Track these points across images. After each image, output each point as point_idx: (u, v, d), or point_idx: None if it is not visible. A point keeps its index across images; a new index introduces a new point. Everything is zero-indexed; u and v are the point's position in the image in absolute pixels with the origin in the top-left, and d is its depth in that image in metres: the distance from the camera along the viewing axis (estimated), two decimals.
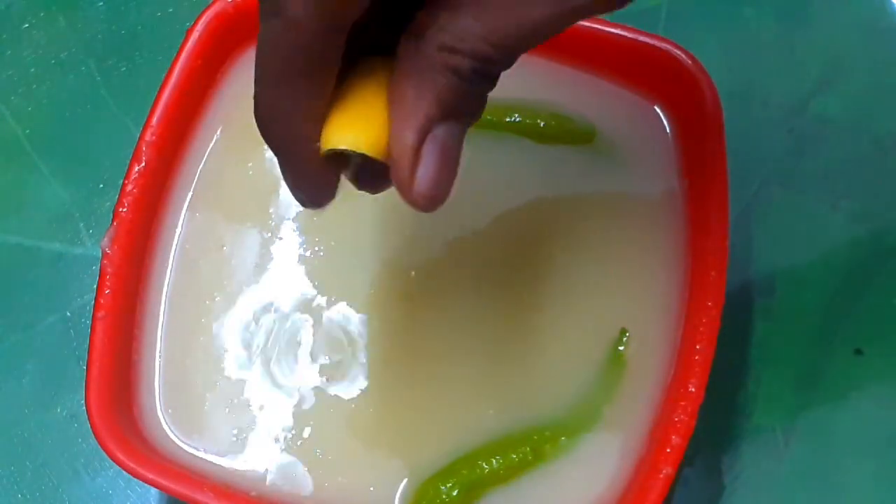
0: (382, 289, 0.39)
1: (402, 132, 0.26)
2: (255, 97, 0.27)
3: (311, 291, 0.39)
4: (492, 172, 0.41)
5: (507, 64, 0.26)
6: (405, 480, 0.37)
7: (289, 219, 0.41)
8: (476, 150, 0.40)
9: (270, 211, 0.41)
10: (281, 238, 0.40)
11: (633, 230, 0.40)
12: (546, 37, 0.26)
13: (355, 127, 0.27)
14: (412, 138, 0.26)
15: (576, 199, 0.41)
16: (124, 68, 0.47)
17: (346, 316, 0.39)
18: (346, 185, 0.30)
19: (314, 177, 0.28)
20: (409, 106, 0.26)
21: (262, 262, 0.40)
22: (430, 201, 0.27)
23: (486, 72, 0.26)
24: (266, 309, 0.39)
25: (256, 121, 0.27)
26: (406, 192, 0.26)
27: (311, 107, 0.27)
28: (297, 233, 0.40)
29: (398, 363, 0.39)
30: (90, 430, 0.35)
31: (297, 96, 0.26)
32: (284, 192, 0.41)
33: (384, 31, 0.28)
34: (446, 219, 0.40)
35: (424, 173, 0.26)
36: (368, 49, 0.28)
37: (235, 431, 0.38)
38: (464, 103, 0.26)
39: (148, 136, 0.39)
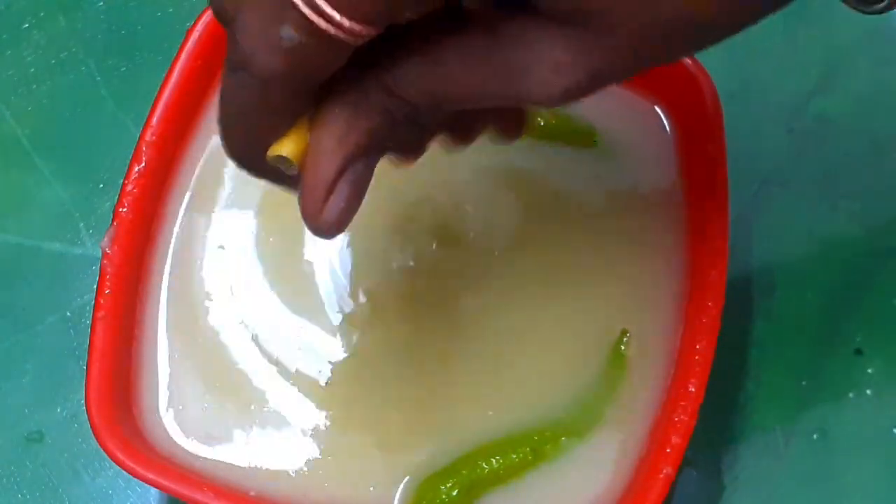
0: (382, 289, 0.39)
1: (321, 163, 0.26)
2: (221, 133, 0.27)
3: (311, 291, 0.39)
4: (491, 171, 0.41)
5: (439, 112, 0.26)
6: (405, 480, 0.37)
7: (288, 219, 0.40)
8: (474, 149, 0.40)
9: (269, 211, 0.41)
10: (280, 238, 0.40)
11: (632, 230, 0.40)
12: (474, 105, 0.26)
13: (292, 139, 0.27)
14: (331, 172, 0.26)
15: (575, 198, 0.41)
16: (124, 68, 0.47)
17: (346, 316, 0.39)
18: None
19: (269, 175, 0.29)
20: (336, 137, 0.26)
21: (262, 261, 0.40)
22: (334, 230, 0.27)
23: (420, 118, 0.26)
24: (265, 309, 0.39)
25: (226, 153, 0.27)
26: (311, 220, 0.27)
27: (264, 139, 0.26)
28: (297, 233, 0.40)
29: (398, 363, 0.39)
30: (90, 430, 0.35)
31: (262, 136, 0.26)
32: (283, 192, 0.41)
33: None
34: (445, 217, 0.40)
35: (335, 205, 0.26)
36: None
37: (235, 431, 0.38)
38: (390, 142, 0.27)
39: (148, 136, 0.39)
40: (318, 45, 0.23)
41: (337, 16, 0.23)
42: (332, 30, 0.23)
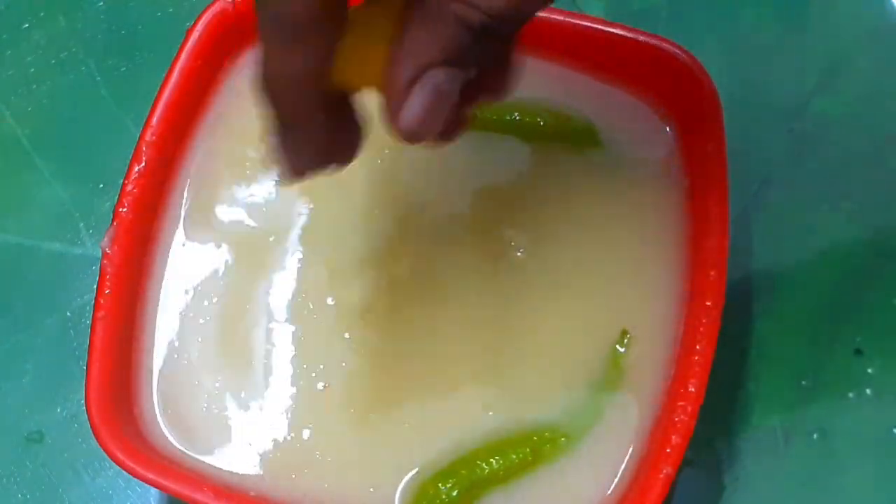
0: (381, 290, 0.39)
1: (400, 67, 0.27)
2: (262, 67, 0.27)
3: (310, 293, 0.39)
4: (491, 171, 0.41)
5: (517, 25, 0.27)
6: (405, 481, 0.37)
7: (287, 219, 0.41)
8: (476, 149, 0.40)
9: (269, 211, 0.41)
10: (280, 239, 0.40)
11: (633, 230, 0.40)
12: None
13: (364, 64, 0.27)
14: (409, 73, 0.27)
15: (575, 198, 0.41)
16: (124, 68, 0.47)
17: (346, 317, 0.39)
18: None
19: (323, 130, 0.29)
20: (413, 47, 0.27)
21: (261, 262, 0.40)
22: (413, 137, 0.27)
23: (496, 29, 0.26)
24: (265, 309, 0.39)
25: (264, 81, 0.27)
26: (393, 124, 0.27)
27: (321, 58, 0.27)
28: (296, 234, 0.40)
29: (398, 364, 0.39)
30: (90, 431, 0.35)
31: (307, 52, 0.26)
32: (283, 192, 0.41)
33: None
34: (446, 219, 0.40)
35: (412, 111, 0.27)
36: None
37: (235, 431, 0.38)
38: (467, 56, 0.27)
39: (148, 136, 0.39)
40: None
41: None
42: None
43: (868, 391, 0.40)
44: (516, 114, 0.41)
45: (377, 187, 0.41)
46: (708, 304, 0.37)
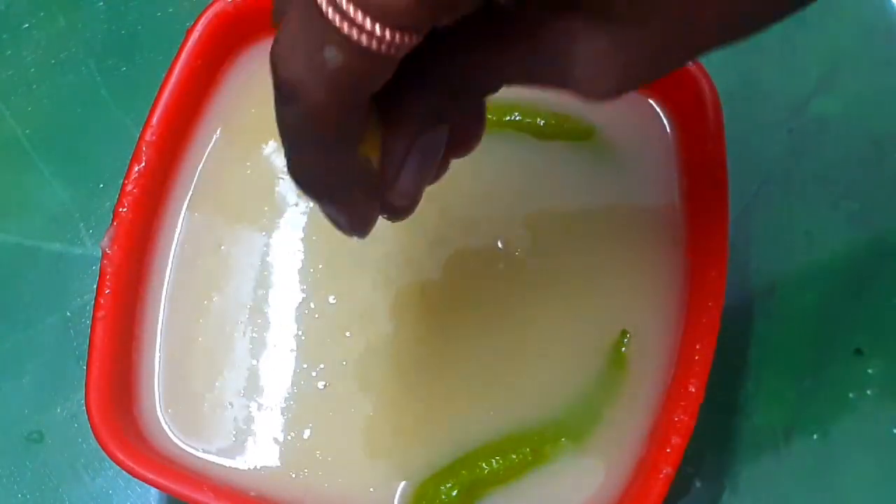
0: (381, 289, 0.39)
1: (392, 142, 0.27)
2: (288, 161, 0.27)
3: (311, 292, 0.39)
4: (491, 171, 0.41)
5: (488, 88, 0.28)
6: (405, 481, 0.37)
7: (288, 219, 0.41)
8: (476, 149, 0.40)
9: (269, 210, 0.41)
10: (280, 238, 0.40)
11: (633, 230, 0.40)
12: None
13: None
14: (401, 148, 0.27)
15: (575, 198, 0.41)
16: (124, 68, 0.47)
17: (346, 316, 0.39)
18: None
19: (362, 202, 0.29)
20: (401, 118, 0.27)
21: (262, 261, 0.40)
22: (407, 199, 0.28)
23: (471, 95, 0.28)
24: (265, 309, 0.39)
25: (293, 179, 0.28)
26: (388, 192, 0.28)
27: (349, 151, 0.27)
28: (297, 233, 0.40)
29: (398, 364, 0.39)
30: (90, 430, 0.35)
31: (330, 153, 0.26)
32: (283, 191, 0.41)
33: None
34: (446, 219, 0.40)
35: (406, 175, 0.28)
36: None
37: (235, 431, 0.38)
38: (446, 117, 0.28)
39: (148, 136, 0.39)
40: (363, 63, 0.23)
41: (378, 29, 0.23)
42: (374, 45, 0.23)
43: (868, 391, 0.40)
44: (516, 114, 0.41)
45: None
46: (708, 304, 0.37)
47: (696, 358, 0.36)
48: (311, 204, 0.41)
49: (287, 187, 0.41)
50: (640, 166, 0.41)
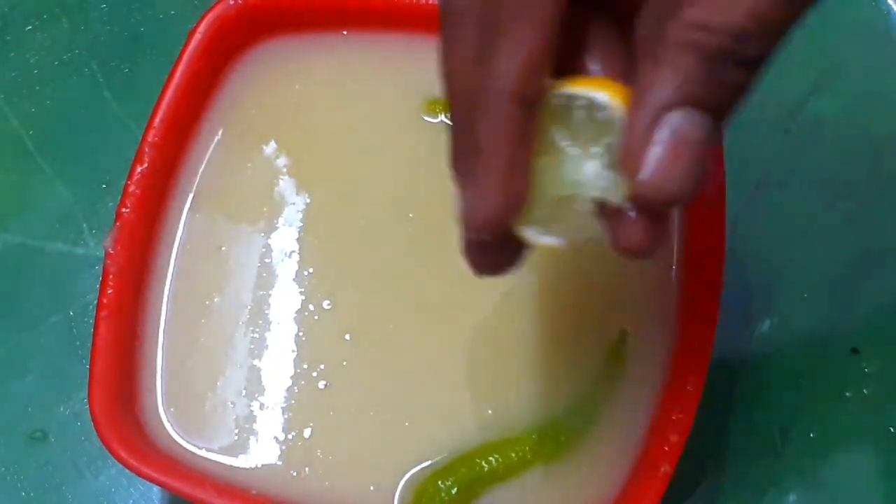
0: (382, 289, 0.40)
1: (635, 114, 0.24)
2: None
3: (311, 293, 0.40)
4: None
5: (768, 45, 0.23)
6: (405, 479, 0.37)
7: (289, 219, 0.41)
8: None
9: (270, 211, 0.41)
10: (281, 239, 0.40)
11: None
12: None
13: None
14: (644, 120, 0.23)
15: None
16: (127, 70, 0.47)
17: (346, 316, 0.39)
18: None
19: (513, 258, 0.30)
20: (646, 87, 0.23)
21: (263, 262, 0.40)
22: (655, 191, 0.24)
23: (738, 53, 0.23)
24: (266, 309, 0.39)
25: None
26: (630, 176, 0.24)
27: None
28: (298, 234, 0.40)
29: (398, 363, 0.39)
30: (93, 429, 0.35)
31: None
32: (284, 192, 0.41)
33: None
34: (446, 219, 0.40)
35: (651, 158, 0.23)
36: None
37: (237, 430, 0.38)
38: (708, 91, 0.23)
39: (150, 138, 0.39)
40: None
41: None
42: None
43: (865, 390, 0.40)
44: None
45: (379, 189, 0.41)
46: (705, 303, 0.37)
47: (694, 357, 0.36)
48: (313, 206, 0.41)
49: (288, 188, 0.41)
50: None
